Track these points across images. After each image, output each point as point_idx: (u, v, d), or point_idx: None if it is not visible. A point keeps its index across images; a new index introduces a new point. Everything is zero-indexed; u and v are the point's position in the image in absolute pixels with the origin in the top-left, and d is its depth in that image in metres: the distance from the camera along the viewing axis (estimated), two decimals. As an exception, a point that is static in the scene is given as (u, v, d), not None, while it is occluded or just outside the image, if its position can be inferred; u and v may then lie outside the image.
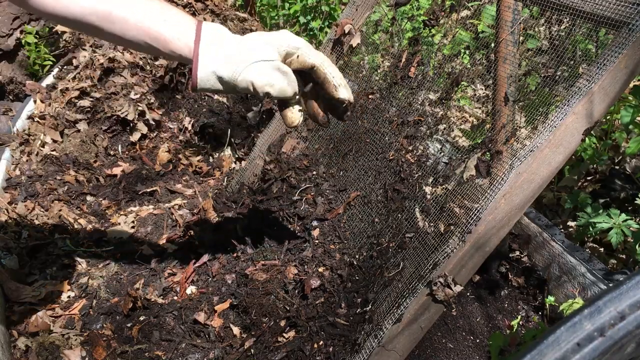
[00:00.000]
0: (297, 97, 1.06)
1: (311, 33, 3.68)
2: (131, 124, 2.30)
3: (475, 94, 2.49)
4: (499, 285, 1.80)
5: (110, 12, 0.96)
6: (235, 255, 1.62)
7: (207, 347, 1.41)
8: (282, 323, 1.37)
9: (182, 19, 1.00)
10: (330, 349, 1.26)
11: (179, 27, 0.98)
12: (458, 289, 1.13)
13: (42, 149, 2.13)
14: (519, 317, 1.67)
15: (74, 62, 2.45)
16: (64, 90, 2.32)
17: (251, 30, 2.71)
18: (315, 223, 1.55)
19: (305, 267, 1.45)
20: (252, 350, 1.35)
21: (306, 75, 1.06)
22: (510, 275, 1.82)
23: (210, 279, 1.60)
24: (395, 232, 1.37)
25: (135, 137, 2.32)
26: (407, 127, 1.55)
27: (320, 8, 3.70)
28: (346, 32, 1.65)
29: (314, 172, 1.69)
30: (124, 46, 1.00)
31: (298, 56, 1.02)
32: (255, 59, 0.97)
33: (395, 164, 1.51)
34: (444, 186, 1.35)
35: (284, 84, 1.00)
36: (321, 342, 1.28)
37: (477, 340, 1.62)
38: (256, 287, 1.45)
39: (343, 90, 1.04)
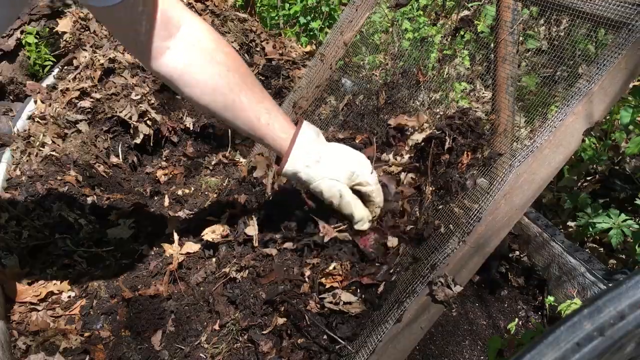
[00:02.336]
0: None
1: (311, 33, 3.69)
2: (132, 125, 2.30)
3: (475, 94, 2.49)
4: (499, 285, 1.80)
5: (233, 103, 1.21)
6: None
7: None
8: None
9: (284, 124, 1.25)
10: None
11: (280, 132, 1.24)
12: (458, 289, 1.13)
13: (42, 149, 2.13)
14: (517, 319, 1.67)
15: (75, 62, 2.45)
16: (64, 91, 2.32)
17: (251, 31, 2.71)
18: None
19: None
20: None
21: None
22: (510, 276, 1.82)
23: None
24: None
25: (138, 139, 2.30)
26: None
27: (320, 8, 3.70)
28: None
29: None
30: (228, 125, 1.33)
31: (362, 187, 1.28)
32: (329, 176, 1.23)
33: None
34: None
35: (343, 203, 1.27)
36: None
37: (477, 340, 1.63)
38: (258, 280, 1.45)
39: (378, 210, 1.34)
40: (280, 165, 1.23)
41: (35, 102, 2.32)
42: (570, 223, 2.06)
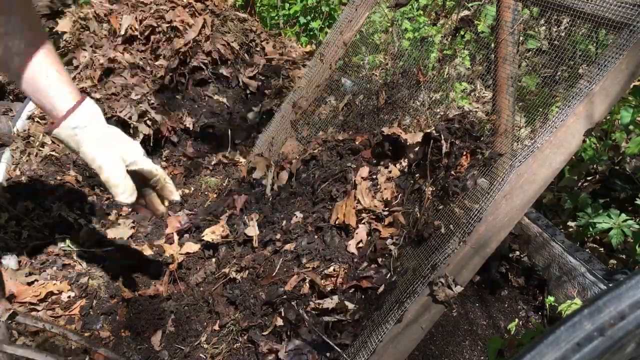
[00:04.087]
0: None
1: (311, 33, 3.69)
2: (132, 125, 2.29)
3: (475, 94, 2.49)
4: (499, 286, 1.80)
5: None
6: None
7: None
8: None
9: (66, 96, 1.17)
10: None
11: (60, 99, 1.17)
12: (459, 289, 1.13)
13: (42, 149, 2.13)
14: (517, 319, 1.67)
15: (74, 62, 2.45)
16: (64, 91, 2.32)
17: (251, 31, 2.71)
18: None
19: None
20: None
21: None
22: (510, 276, 1.82)
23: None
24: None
25: (137, 139, 2.30)
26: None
27: (320, 8, 3.70)
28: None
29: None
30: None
31: (137, 166, 1.24)
32: (101, 148, 1.19)
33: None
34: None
35: (103, 176, 1.19)
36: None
37: (477, 340, 1.62)
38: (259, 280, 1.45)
39: (176, 194, 1.38)
40: (60, 119, 1.16)
41: (35, 102, 2.31)
42: (570, 223, 2.06)
